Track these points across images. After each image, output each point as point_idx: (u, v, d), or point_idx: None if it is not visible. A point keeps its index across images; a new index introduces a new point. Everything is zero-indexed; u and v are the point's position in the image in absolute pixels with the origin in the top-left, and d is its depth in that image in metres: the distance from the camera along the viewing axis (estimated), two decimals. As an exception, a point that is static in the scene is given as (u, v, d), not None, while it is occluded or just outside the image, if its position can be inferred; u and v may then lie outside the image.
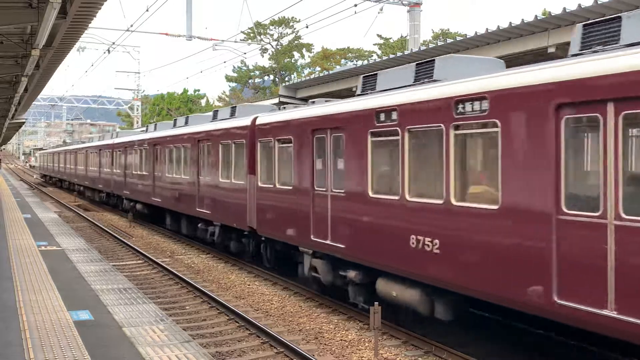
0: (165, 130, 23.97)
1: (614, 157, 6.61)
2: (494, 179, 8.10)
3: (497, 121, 8.04)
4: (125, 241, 21.35)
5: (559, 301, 7.09)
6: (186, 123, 22.40)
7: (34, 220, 22.25)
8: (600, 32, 7.45)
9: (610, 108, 6.65)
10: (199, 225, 19.21)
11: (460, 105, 8.61)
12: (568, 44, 8.06)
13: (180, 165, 21.17)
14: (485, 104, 8.21)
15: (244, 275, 16.08)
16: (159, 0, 23.71)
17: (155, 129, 26.96)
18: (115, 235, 22.84)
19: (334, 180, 11.73)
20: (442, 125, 8.91)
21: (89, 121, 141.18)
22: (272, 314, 12.31)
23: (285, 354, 9.74)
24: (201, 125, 19.89)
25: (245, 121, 15.85)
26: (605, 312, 6.57)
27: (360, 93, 11.69)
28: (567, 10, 13.47)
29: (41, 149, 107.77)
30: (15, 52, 16.60)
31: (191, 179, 19.73)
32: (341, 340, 10.54)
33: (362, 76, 11.93)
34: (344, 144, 11.33)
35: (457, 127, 8.72)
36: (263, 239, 15.21)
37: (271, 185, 14.31)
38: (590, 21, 7.83)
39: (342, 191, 11.35)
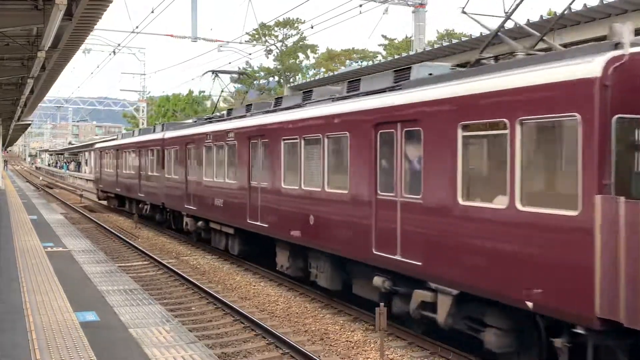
0: (127, 139, 32.03)
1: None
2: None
3: None
4: (131, 242, 21.41)
5: (249, 221, 15.29)
6: (139, 134, 30.53)
7: (40, 221, 22.30)
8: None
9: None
10: (139, 205, 27.66)
11: None
12: (573, 43, 8.00)
13: (131, 164, 29.05)
14: None
15: (250, 277, 16.11)
16: (164, 1, 23.85)
17: (122, 137, 35.63)
18: (121, 236, 22.89)
19: (194, 172, 19.88)
20: None
21: (94, 123, 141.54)
22: (278, 315, 12.32)
23: (291, 354, 9.74)
24: (144, 136, 28.31)
25: (161, 135, 24.31)
26: (258, 223, 14.81)
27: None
28: (572, 10, 13.44)
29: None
30: (21, 54, 16.68)
31: (136, 174, 27.58)
32: (347, 341, 10.55)
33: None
34: (200, 151, 19.79)
35: None
36: (168, 210, 23.60)
37: (170, 176, 22.68)
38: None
39: (196, 179, 19.57)
